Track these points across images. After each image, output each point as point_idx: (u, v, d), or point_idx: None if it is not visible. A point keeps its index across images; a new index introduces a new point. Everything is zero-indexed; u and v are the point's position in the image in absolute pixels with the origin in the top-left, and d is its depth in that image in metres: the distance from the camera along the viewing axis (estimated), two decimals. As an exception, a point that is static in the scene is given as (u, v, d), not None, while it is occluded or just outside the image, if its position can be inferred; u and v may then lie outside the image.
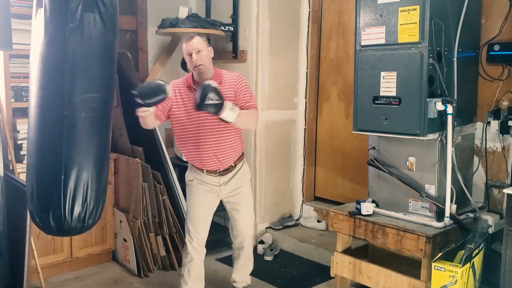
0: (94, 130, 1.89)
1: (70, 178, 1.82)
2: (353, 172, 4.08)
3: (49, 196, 1.84)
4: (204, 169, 2.80)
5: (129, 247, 3.55)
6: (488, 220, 2.85)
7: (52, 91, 1.84)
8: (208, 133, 2.71)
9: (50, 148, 1.85)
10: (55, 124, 1.83)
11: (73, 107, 1.82)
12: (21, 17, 3.29)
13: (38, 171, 1.90)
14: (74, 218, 1.84)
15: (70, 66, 1.81)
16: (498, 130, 2.98)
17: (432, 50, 2.66)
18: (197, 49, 2.66)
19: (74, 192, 1.82)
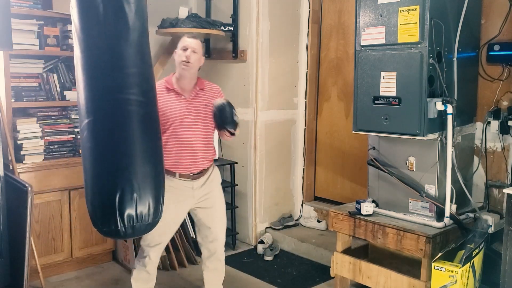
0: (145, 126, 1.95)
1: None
2: (353, 172, 4.08)
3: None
4: (176, 173, 2.69)
5: (129, 247, 3.56)
6: (488, 220, 2.85)
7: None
8: (188, 135, 2.69)
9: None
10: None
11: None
12: (21, 17, 3.30)
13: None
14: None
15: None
16: (498, 130, 2.98)
17: (432, 50, 2.66)
18: (194, 48, 2.68)
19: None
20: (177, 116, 2.67)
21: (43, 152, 3.34)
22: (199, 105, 2.72)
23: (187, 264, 3.66)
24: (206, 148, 2.76)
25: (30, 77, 3.43)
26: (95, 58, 1.84)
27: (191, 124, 2.69)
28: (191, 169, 2.71)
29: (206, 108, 2.73)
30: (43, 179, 3.30)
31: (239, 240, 4.17)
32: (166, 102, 2.68)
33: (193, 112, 2.70)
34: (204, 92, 2.76)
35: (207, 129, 2.74)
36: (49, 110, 3.42)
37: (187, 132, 2.68)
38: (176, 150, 2.68)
